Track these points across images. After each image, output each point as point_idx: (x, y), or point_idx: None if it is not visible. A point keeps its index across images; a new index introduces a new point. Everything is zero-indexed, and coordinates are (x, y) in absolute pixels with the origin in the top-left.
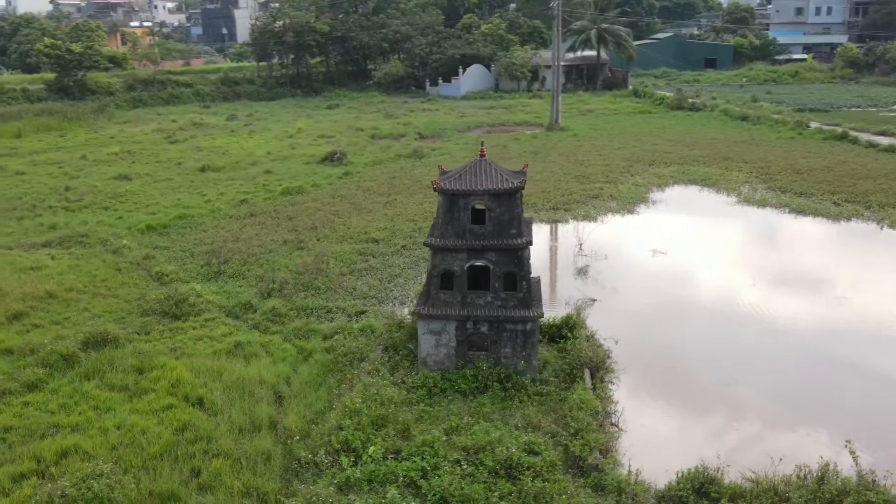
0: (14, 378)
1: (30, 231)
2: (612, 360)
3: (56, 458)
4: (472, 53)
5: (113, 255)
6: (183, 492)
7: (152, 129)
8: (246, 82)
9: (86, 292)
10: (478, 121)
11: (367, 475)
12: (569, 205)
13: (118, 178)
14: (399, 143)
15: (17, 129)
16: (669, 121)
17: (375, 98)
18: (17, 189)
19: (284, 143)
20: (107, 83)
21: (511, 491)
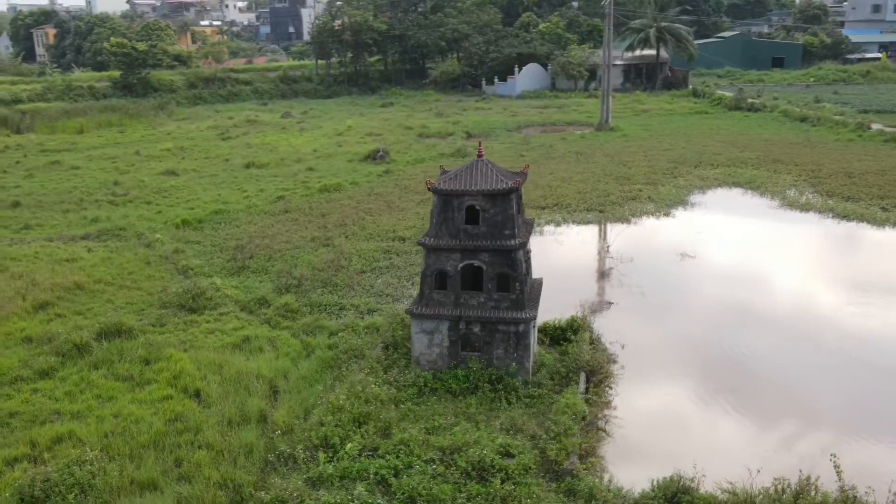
0: (28, 365)
1: (73, 224)
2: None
3: (50, 443)
4: (528, 52)
5: (146, 248)
6: (162, 481)
7: (208, 125)
8: (304, 80)
9: (113, 284)
10: (529, 120)
11: (340, 471)
12: (604, 206)
13: (165, 173)
14: (445, 142)
15: (79, 125)
16: (725, 121)
17: (431, 97)
18: (70, 183)
19: (332, 141)
20: (169, 81)
21: (479, 493)
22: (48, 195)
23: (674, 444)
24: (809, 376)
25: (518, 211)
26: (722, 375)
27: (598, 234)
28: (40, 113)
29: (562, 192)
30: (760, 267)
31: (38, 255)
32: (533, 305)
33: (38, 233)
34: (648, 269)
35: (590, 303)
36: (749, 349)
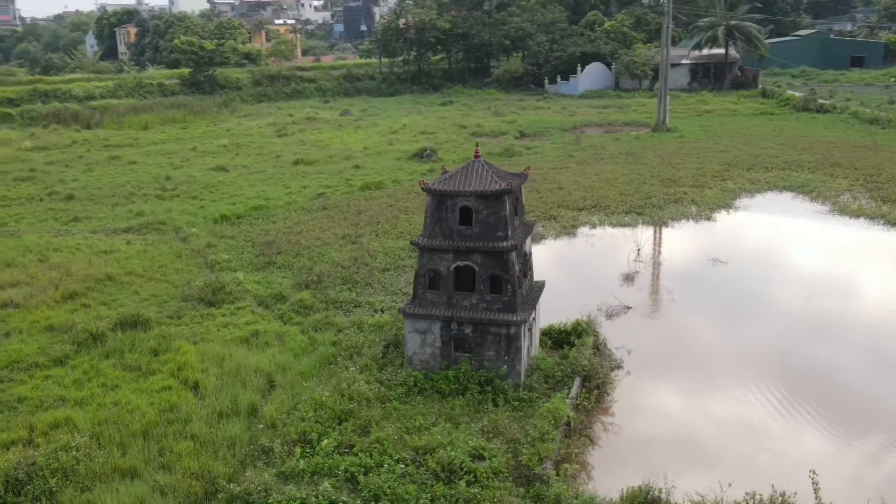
0: (45, 353)
1: (119, 217)
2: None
3: (47, 428)
4: (592, 51)
5: (181, 242)
6: (144, 469)
7: (267, 122)
8: (367, 78)
9: (142, 276)
10: (586, 120)
11: (312, 467)
12: (643, 209)
13: (216, 169)
14: (496, 141)
15: (145, 122)
16: (789, 123)
17: (492, 95)
18: (124, 177)
19: (385, 139)
20: (235, 78)
21: (444, 494)
22: (102, 189)
23: (663, 453)
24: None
25: (515, 213)
26: (727, 383)
27: (632, 236)
28: (110, 109)
29: (603, 194)
30: (790, 274)
31: (80, 246)
32: (527, 308)
33: (84, 225)
34: (676, 273)
35: (606, 306)
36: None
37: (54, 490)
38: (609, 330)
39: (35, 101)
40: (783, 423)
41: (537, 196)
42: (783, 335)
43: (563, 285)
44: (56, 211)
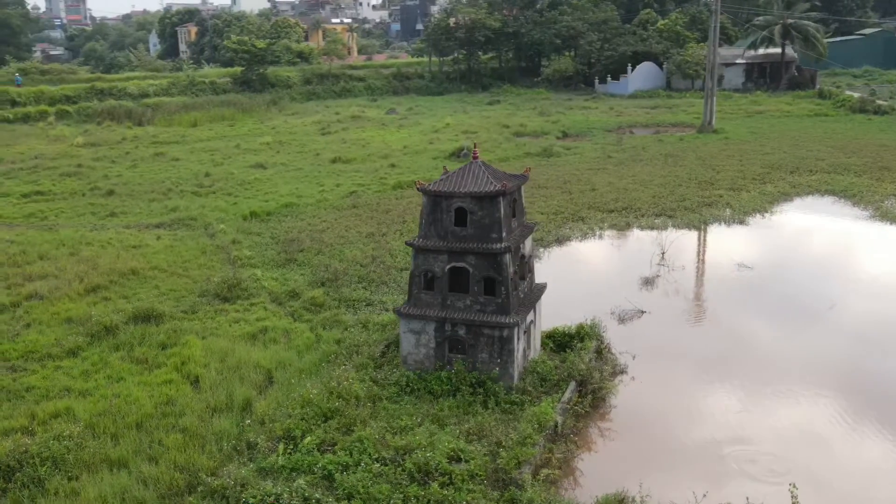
0: (60, 344)
1: (153, 212)
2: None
3: (47, 418)
4: (644, 50)
5: (209, 238)
6: (132, 460)
7: (313, 120)
8: (417, 77)
9: (166, 271)
10: (632, 120)
11: (292, 464)
12: (675, 211)
13: (255, 166)
14: (537, 141)
15: (193, 119)
16: (843, 125)
17: (541, 95)
18: (165, 174)
19: (426, 138)
20: (286, 77)
21: (417, 495)
22: (142, 185)
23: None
24: None
25: (512, 214)
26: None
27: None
28: (162, 107)
29: (636, 196)
30: (815, 281)
31: (111, 241)
32: (523, 310)
33: (119, 220)
34: (698, 278)
35: (620, 310)
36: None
37: (43, 478)
38: (621, 334)
39: (91, 99)
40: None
41: (569, 197)
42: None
43: (579, 287)
44: (95, 206)
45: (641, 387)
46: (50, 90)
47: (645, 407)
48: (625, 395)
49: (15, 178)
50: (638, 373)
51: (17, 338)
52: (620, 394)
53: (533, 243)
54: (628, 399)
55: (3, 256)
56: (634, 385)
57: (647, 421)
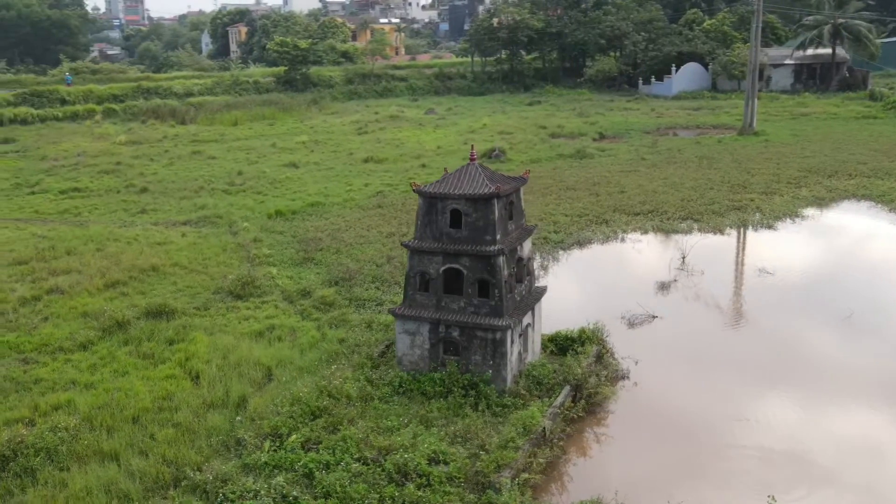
0: (73, 338)
1: (183, 210)
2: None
3: (49, 409)
4: (689, 51)
5: (232, 236)
6: (124, 453)
7: (351, 120)
8: (459, 77)
9: (186, 268)
10: (673, 122)
11: (275, 461)
12: (702, 215)
13: (287, 165)
14: (573, 142)
15: (234, 118)
16: (891, 128)
17: (583, 96)
18: (200, 172)
19: (461, 139)
20: (328, 76)
21: (392, 495)
22: (175, 183)
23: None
24: None
25: (509, 217)
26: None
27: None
28: (205, 106)
29: (664, 199)
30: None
31: (138, 237)
32: (518, 313)
33: (149, 217)
34: (717, 283)
35: (630, 314)
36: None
37: (35, 468)
38: (629, 339)
39: (138, 98)
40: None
41: (596, 199)
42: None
43: (593, 291)
44: (128, 203)
45: (643, 392)
46: (98, 89)
47: (643, 413)
48: (625, 400)
49: (56, 175)
50: (641, 378)
51: (34, 331)
52: (621, 399)
53: (532, 246)
54: (628, 405)
55: (33, 251)
56: (636, 391)
57: (644, 427)
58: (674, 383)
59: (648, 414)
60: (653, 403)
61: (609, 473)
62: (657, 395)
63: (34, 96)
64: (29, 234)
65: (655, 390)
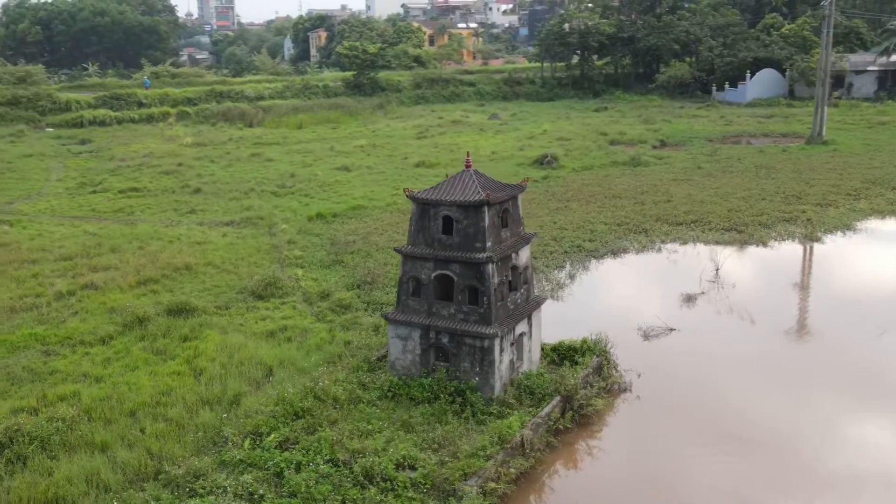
0: (95, 332)
1: (229, 211)
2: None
3: (55, 400)
4: (765, 56)
5: (269, 237)
6: (113, 445)
7: (414, 124)
8: (528, 82)
9: (218, 268)
10: (740, 129)
11: (250, 458)
12: (747, 226)
13: (340, 168)
14: (631, 150)
15: (299, 121)
16: None
17: (653, 102)
18: (255, 174)
19: (518, 144)
20: (396, 81)
21: (355, 499)
22: (229, 184)
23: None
24: None
25: (504, 224)
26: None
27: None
28: (274, 109)
29: (711, 209)
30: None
31: (180, 237)
32: (510, 322)
33: (196, 217)
34: (747, 296)
35: (647, 326)
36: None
37: (27, 456)
38: (642, 351)
39: (211, 101)
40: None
41: (640, 208)
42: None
43: (615, 301)
44: (180, 203)
45: (644, 406)
46: (174, 92)
47: (640, 428)
48: (624, 413)
49: (119, 175)
50: (645, 392)
51: (62, 324)
52: (620, 412)
53: (530, 254)
54: (625, 418)
55: (80, 248)
56: (637, 404)
57: (637, 442)
58: (676, 399)
59: (644, 429)
60: (651, 418)
61: (590, 487)
62: (657, 409)
63: (113, 99)
64: (81, 231)
65: (657, 405)
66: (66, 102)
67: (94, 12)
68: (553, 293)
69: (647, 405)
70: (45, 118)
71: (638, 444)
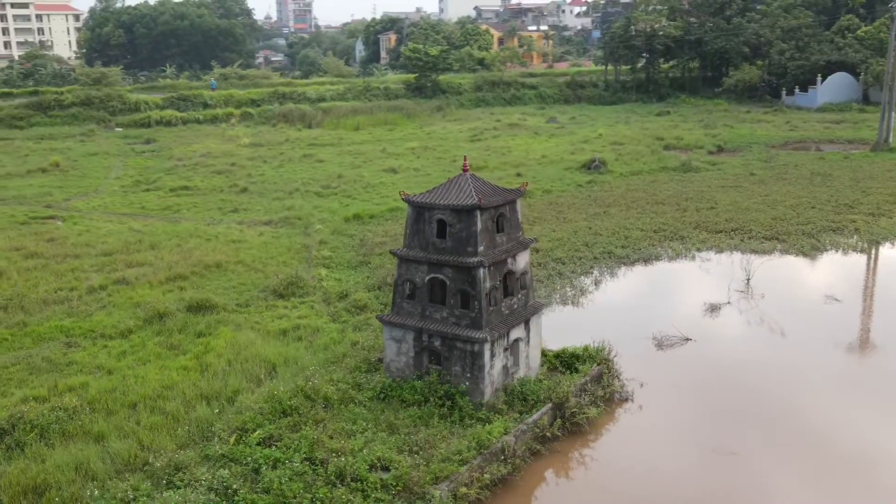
0: (117, 326)
1: (270, 210)
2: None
3: (64, 390)
4: (838, 60)
5: (304, 237)
6: (109, 435)
7: (469, 127)
8: (591, 86)
9: (247, 266)
10: (805, 135)
11: (232, 454)
12: (789, 235)
13: (387, 170)
14: (684, 155)
15: (356, 123)
16: None
17: (719, 106)
18: (303, 174)
19: (571, 148)
20: (458, 83)
21: (324, 498)
22: (276, 184)
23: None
24: None
25: (498, 229)
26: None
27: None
28: (334, 111)
29: (755, 217)
30: None
31: (218, 235)
32: (502, 327)
33: (238, 216)
34: (775, 308)
35: (662, 335)
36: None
37: (26, 443)
38: (653, 360)
39: (273, 102)
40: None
41: (681, 215)
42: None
43: (634, 309)
44: (225, 202)
45: (644, 417)
46: (238, 94)
47: (636, 438)
48: (621, 423)
49: (174, 174)
50: (647, 402)
51: (88, 318)
52: (618, 421)
53: (529, 259)
54: (621, 428)
55: (122, 244)
56: (638, 414)
57: (631, 452)
58: (678, 410)
59: (639, 439)
60: (648, 429)
61: (569, 494)
62: (657, 420)
63: (180, 100)
64: (127, 228)
65: (657, 416)
66: (135, 103)
67: (174, 16)
68: (574, 299)
69: (648, 415)
70: (115, 118)
71: (629, 454)
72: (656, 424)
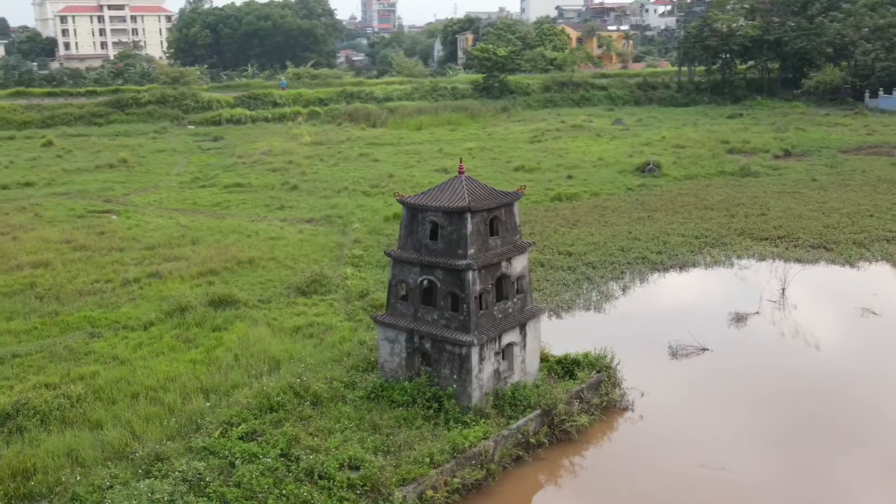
0: (141, 318)
1: (314, 208)
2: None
3: (75, 378)
4: None
5: (341, 236)
6: (107, 424)
7: (532, 128)
8: (663, 87)
9: (279, 263)
10: (882, 140)
11: (213, 447)
12: (838, 244)
13: (438, 170)
14: (747, 159)
15: (419, 123)
16: None
17: (796, 109)
18: (355, 173)
19: (630, 151)
20: (525, 84)
21: (291, 493)
22: (327, 182)
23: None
24: None
25: (492, 232)
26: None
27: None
28: (399, 110)
29: (806, 224)
30: None
31: (259, 232)
32: (492, 330)
33: (283, 213)
34: (805, 319)
35: (678, 344)
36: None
37: (26, 428)
38: (664, 369)
39: (341, 102)
40: None
41: (728, 221)
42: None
43: (656, 316)
44: (273, 199)
45: (643, 426)
46: (307, 93)
47: (630, 447)
48: (618, 432)
49: (232, 171)
50: (649, 411)
51: (116, 309)
52: (614, 430)
53: (527, 263)
54: (615, 437)
55: (165, 238)
56: (637, 424)
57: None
58: (678, 421)
59: (632, 449)
60: (644, 439)
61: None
62: (655, 431)
63: (251, 98)
64: (175, 223)
65: (656, 426)
66: (208, 101)
67: (258, 16)
68: (598, 304)
69: (646, 425)
70: (187, 116)
71: (618, 463)
72: (652, 435)
